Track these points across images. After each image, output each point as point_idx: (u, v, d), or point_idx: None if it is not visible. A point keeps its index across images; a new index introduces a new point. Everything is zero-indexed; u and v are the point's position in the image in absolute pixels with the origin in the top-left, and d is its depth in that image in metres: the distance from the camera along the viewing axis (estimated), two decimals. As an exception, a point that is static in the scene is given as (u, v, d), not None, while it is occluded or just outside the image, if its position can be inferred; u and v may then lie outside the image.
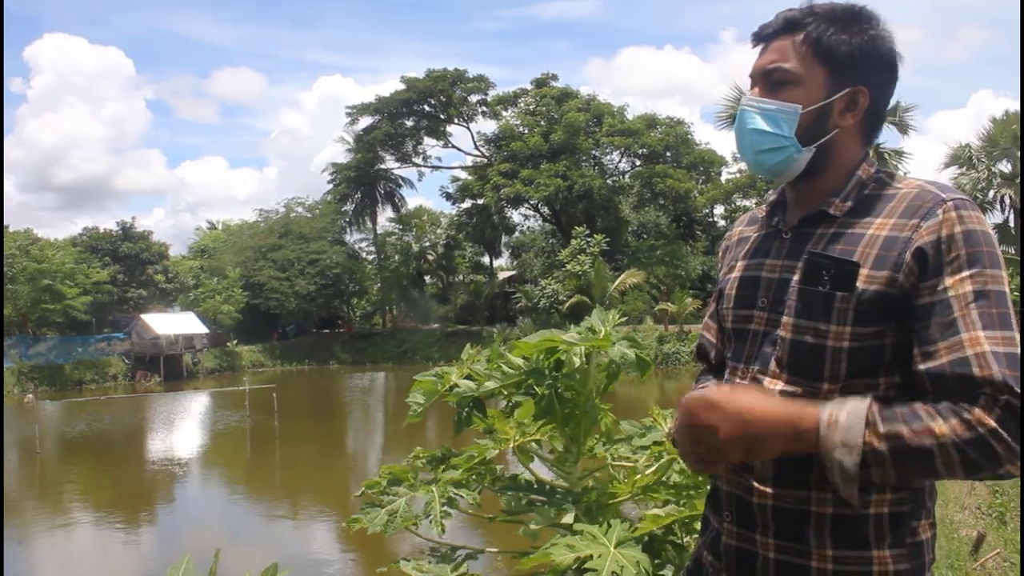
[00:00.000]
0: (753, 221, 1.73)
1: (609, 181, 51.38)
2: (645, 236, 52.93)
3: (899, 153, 27.55)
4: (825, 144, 1.52)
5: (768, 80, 1.53)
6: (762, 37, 1.58)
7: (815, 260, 1.46)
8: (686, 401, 1.40)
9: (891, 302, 1.38)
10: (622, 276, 43.83)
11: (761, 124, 1.52)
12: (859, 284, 1.40)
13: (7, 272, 41.06)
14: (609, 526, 2.75)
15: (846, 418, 1.30)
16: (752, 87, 1.57)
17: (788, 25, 1.54)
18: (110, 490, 18.48)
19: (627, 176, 53.45)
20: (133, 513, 15.99)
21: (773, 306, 1.52)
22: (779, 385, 1.47)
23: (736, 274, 1.64)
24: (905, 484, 1.41)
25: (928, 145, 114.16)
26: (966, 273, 1.34)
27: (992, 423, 1.23)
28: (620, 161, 53.76)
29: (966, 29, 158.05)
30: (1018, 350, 1.29)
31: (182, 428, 28.50)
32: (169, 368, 44.43)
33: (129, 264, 51.89)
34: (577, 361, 2.92)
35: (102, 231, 53.54)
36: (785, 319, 1.48)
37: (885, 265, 1.39)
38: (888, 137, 31.48)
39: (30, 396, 36.67)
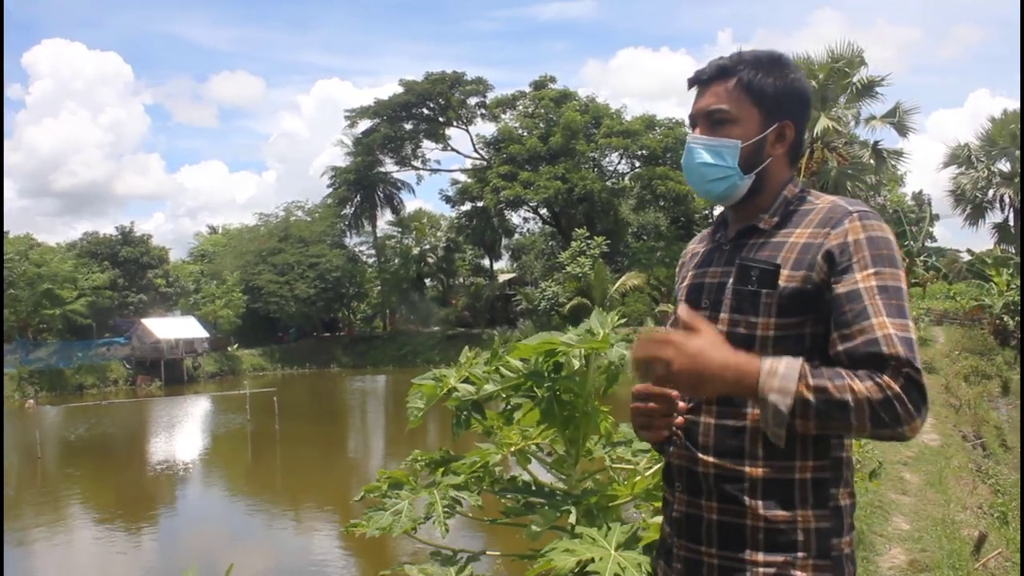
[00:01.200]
0: (703, 239, 2.01)
1: (609, 183, 51.34)
2: (645, 238, 52.83)
3: (898, 153, 27.52)
4: (761, 171, 1.80)
5: (709, 120, 1.80)
6: (699, 82, 1.84)
7: (744, 265, 1.74)
8: (646, 335, 1.61)
9: (807, 296, 1.65)
10: (622, 278, 43.82)
11: (708, 158, 1.79)
12: (780, 283, 1.67)
13: (7, 277, 41.06)
14: (609, 529, 2.75)
15: (783, 369, 1.53)
16: (693, 127, 1.84)
17: (721, 72, 1.80)
18: (111, 495, 18.49)
19: (626, 178, 53.39)
20: (134, 517, 15.99)
21: (713, 305, 1.78)
22: None
23: (687, 283, 1.91)
24: (820, 434, 1.61)
25: (926, 144, 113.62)
26: (871, 271, 1.61)
27: (897, 388, 1.50)
28: (619, 163, 53.76)
29: (962, 28, 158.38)
30: (913, 335, 1.57)
31: (183, 432, 28.51)
32: (170, 372, 44.47)
33: (129, 269, 51.85)
34: (576, 363, 2.92)
35: (102, 236, 53.53)
36: (722, 315, 1.75)
37: (801, 266, 1.66)
38: (886, 136, 31.49)
39: (31, 401, 36.69)
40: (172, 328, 46.83)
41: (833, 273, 1.62)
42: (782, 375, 1.52)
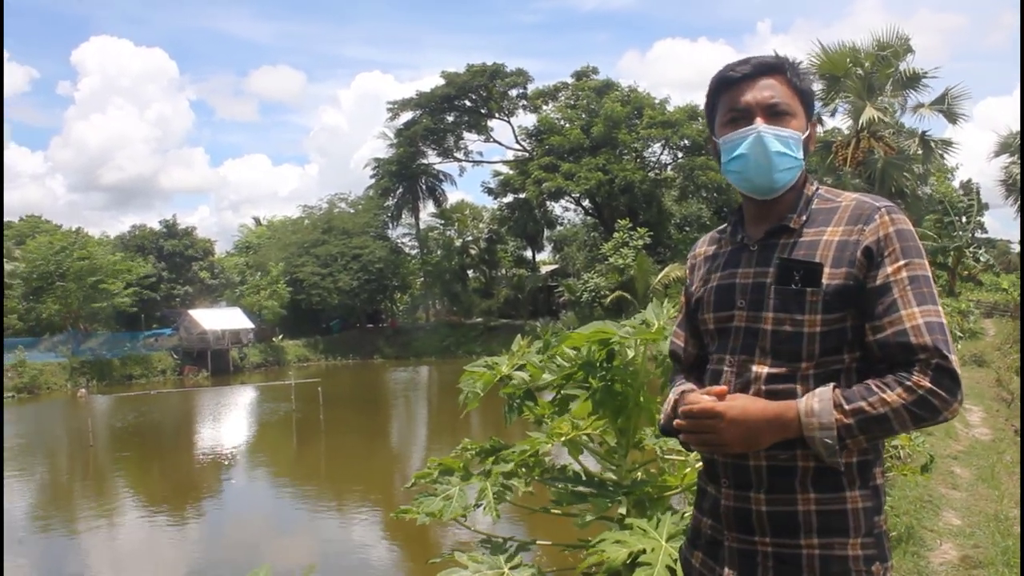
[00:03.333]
0: (714, 241, 2.07)
1: (651, 174, 51.01)
2: (688, 229, 52.46)
3: (947, 143, 26.81)
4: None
5: (772, 111, 1.83)
6: (746, 75, 1.86)
7: (786, 264, 1.78)
8: (690, 412, 1.74)
9: (850, 292, 1.72)
10: (666, 269, 43.47)
11: (780, 147, 1.81)
12: (824, 280, 1.73)
13: (57, 270, 41.97)
14: (660, 520, 2.74)
15: (818, 405, 1.66)
16: (749, 117, 1.83)
17: (770, 67, 1.86)
18: (161, 481, 18.82)
19: (669, 169, 53.04)
20: (183, 503, 16.26)
21: (751, 305, 1.82)
22: (765, 368, 1.77)
23: (712, 284, 1.94)
24: (871, 442, 1.72)
25: (974, 132, 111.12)
26: (901, 263, 1.70)
27: (928, 384, 1.62)
28: (661, 153, 53.36)
29: (1009, 15, 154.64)
30: (943, 320, 1.68)
31: (230, 421, 28.92)
32: (216, 363, 45.08)
33: (175, 261, 52.67)
34: (630, 353, 2.91)
35: (149, 229, 54.42)
36: (766, 314, 1.79)
37: (842, 263, 1.73)
38: (934, 126, 30.79)
39: (82, 391, 37.46)
40: (218, 319, 47.40)
41: (871, 267, 1.71)
42: (818, 412, 1.65)
